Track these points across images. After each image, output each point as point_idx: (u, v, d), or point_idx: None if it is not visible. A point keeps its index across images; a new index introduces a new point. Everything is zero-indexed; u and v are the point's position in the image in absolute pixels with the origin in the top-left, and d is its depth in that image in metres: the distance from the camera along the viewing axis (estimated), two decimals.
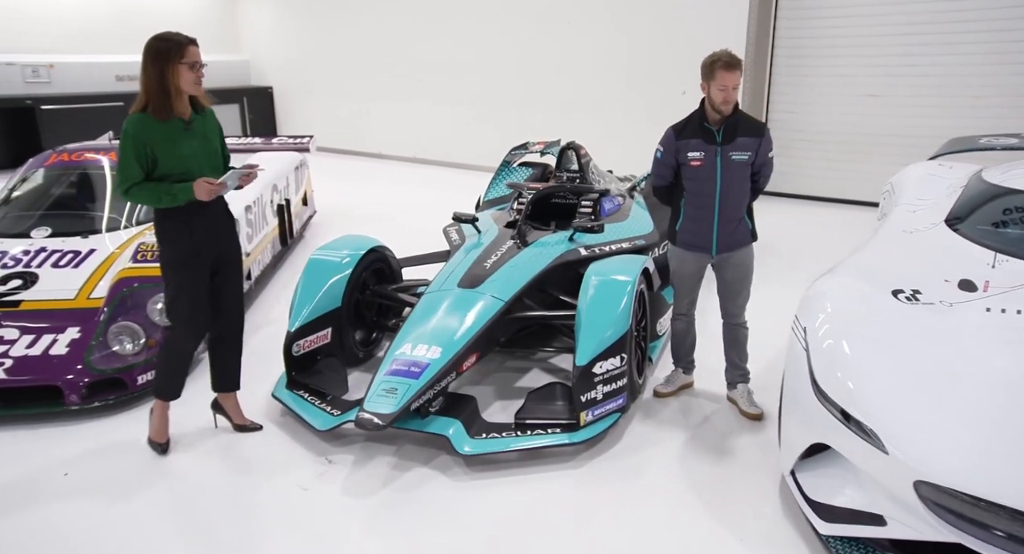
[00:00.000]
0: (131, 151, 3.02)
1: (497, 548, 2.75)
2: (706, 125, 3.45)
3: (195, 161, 3.13)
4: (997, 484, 2.18)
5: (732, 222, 3.54)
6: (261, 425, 3.61)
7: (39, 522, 2.92)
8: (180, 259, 3.19)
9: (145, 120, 3.04)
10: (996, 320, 2.84)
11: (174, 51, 3.03)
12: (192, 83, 3.09)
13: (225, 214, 3.34)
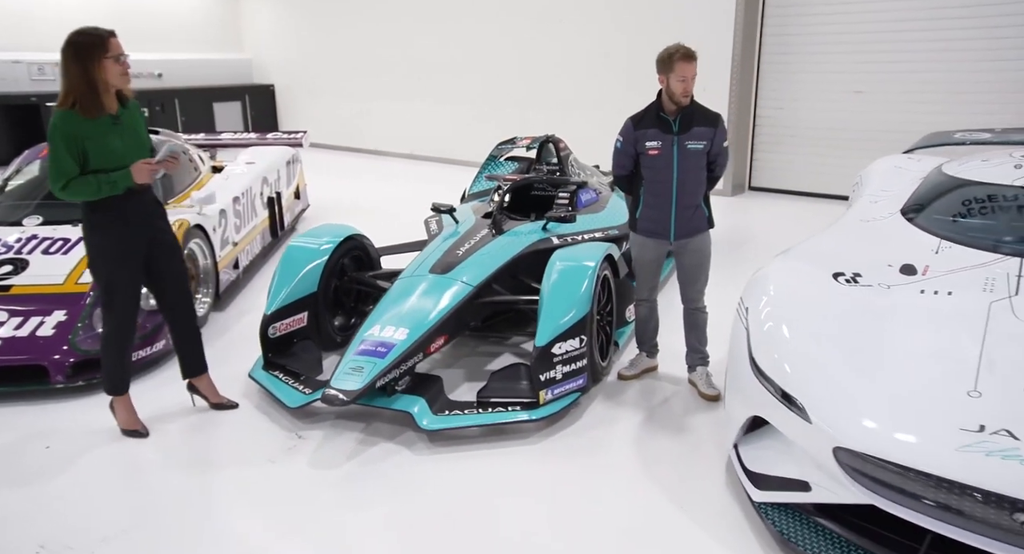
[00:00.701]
0: (63, 147, 3.03)
1: (456, 517, 2.88)
2: (663, 115, 3.58)
3: (127, 155, 3.15)
4: (908, 450, 2.31)
5: (689, 209, 3.67)
6: (237, 403, 3.76)
7: (19, 489, 3.09)
8: (115, 250, 3.22)
9: (73, 117, 3.04)
10: (927, 301, 2.97)
11: (97, 46, 3.03)
12: (119, 76, 3.10)
13: (154, 201, 3.40)
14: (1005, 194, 3.77)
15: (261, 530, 2.83)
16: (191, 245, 4.65)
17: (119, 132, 3.17)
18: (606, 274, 3.95)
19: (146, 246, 3.33)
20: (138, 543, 2.75)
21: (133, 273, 3.31)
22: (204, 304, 4.84)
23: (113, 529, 2.81)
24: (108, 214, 3.19)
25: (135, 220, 3.26)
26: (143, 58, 13.19)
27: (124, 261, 3.27)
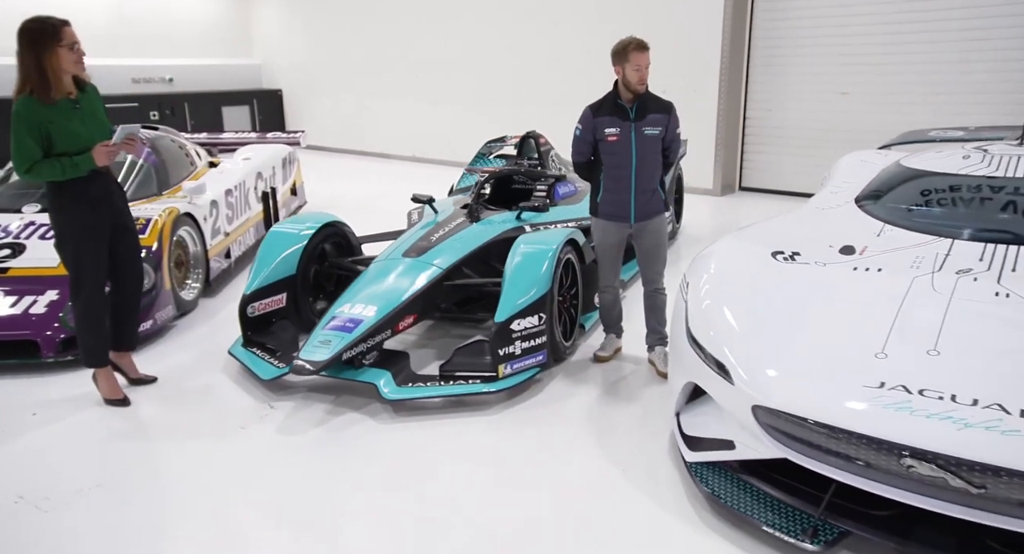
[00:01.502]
0: (25, 131, 3.21)
1: (411, 481, 3.06)
2: (620, 103, 3.77)
3: (88, 137, 3.33)
4: (814, 405, 2.47)
5: (646, 193, 3.85)
6: (155, 377, 3.93)
7: (2, 449, 3.31)
8: (82, 228, 3.41)
9: (33, 103, 3.22)
10: (856, 276, 3.13)
11: (49, 34, 3.19)
12: (73, 63, 3.28)
13: (115, 182, 3.61)
14: (949, 183, 3.92)
15: (226, 485, 3.03)
16: (180, 232, 4.88)
17: (80, 116, 3.36)
18: (570, 258, 4.13)
19: (109, 226, 3.53)
20: (111, 495, 2.96)
21: (99, 250, 3.49)
22: (194, 289, 5.07)
23: (88, 483, 3.02)
24: (73, 195, 3.38)
25: (99, 200, 3.45)
26: (155, 63, 13.57)
27: (90, 239, 3.45)
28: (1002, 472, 2.15)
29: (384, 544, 2.65)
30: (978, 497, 2.20)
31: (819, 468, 2.48)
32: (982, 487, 2.18)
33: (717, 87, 8.85)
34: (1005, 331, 2.66)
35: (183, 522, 2.80)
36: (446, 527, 2.73)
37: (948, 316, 2.75)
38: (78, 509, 2.86)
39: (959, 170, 3.97)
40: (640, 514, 2.81)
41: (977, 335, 2.65)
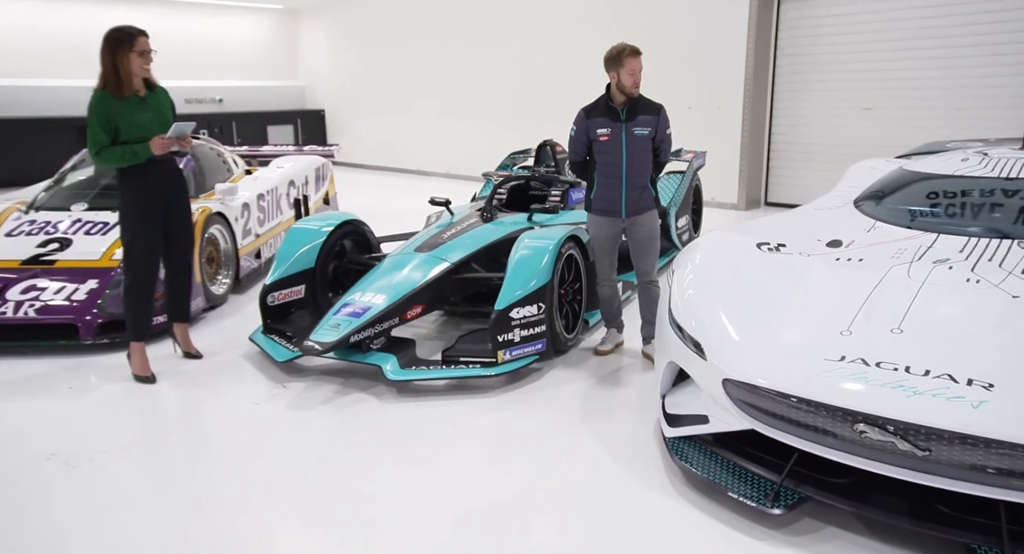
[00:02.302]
0: (96, 122, 3.68)
1: (407, 452, 3.26)
2: (611, 105, 3.97)
3: (150, 129, 3.77)
4: (778, 377, 2.60)
5: (637, 189, 4.04)
6: (202, 354, 4.30)
7: (40, 414, 3.62)
8: (138, 207, 3.84)
9: (105, 97, 3.69)
10: (838, 265, 3.26)
11: (125, 42, 3.68)
12: (141, 67, 3.74)
13: (176, 172, 4.00)
14: (944, 183, 4.01)
15: (236, 451, 3.27)
16: (212, 230, 5.20)
17: (145, 111, 3.80)
18: (572, 254, 4.31)
19: (164, 208, 3.91)
20: (132, 456, 3.23)
21: (152, 230, 3.90)
22: (224, 284, 5.38)
23: (112, 445, 3.29)
24: (135, 178, 3.82)
25: (155, 185, 3.87)
26: (207, 85, 14.26)
27: (145, 219, 3.87)
28: (944, 435, 2.26)
29: (379, 506, 2.84)
30: (924, 460, 2.31)
31: (782, 437, 2.61)
32: (927, 450, 2.29)
33: (741, 104, 8.98)
34: (968, 313, 2.76)
35: (193, 480, 3.04)
36: (441, 496, 2.91)
37: (917, 300, 2.86)
38: (101, 466, 3.12)
39: (956, 172, 4.05)
40: (621, 486, 2.96)
41: (941, 316, 2.76)
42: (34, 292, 4.51)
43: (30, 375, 4.10)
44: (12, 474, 3.08)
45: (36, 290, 4.52)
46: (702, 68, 9.26)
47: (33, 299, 4.46)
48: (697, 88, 9.32)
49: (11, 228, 5.09)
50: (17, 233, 5.03)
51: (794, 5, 8.88)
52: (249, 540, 2.62)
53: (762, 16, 8.79)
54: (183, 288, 4.24)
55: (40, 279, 4.62)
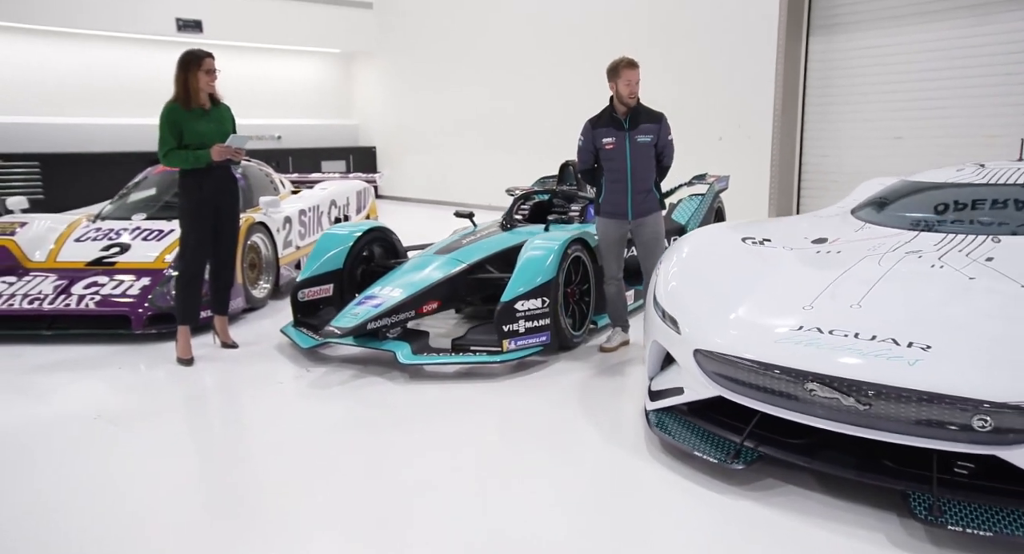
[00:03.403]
0: (166, 128, 4.22)
1: (416, 420, 3.57)
2: (615, 115, 4.29)
3: (210, 137, 4.28)
4: (741, 345, 2.82)
5: (641, 193, 4.32)
6: (237, 344, 4.69)
7: (92, 387, 4.04)
8: (194, 206, 4.31)
9: (175, 108, 4.25)
10: (816, 257, 3.46)
11: (194, 62, 4.24)
12: (207, 84, 4.28)
13: (230, 178, 4.46)
14: (936, 189, 4.19)
15: (261, 420, 3.63)
16: (254, 237, 5.66)
17: (207, 121, 4.33)
18: (579, 256, 4.59)
19: (216, 209, 4.38)
20: (169, 420, 3.62)
21: (205, 224, 4.36)
22: (264, 289, 5.82)
23: (152, 411, 3.69)
24: (193, 180, 4.32)
25: (210, 188, 4.35)
26: (268, 123, 15.15)
27: (198, 217, 4.35)
28: (883, 390, 2.45)
29: (387, 465, 3.13)
30: (865, 415, 2.49)
31: (745, 401, 2.82)
32: (868, 404, 2.48)
33: (770, 134, 9.19)
34: (924, 291, 2.94)
35: (221, 440, 3.41)
36: (445, 459, 3.18)
37: (880, 283, 3.05)
38: (142, 427, 3.50)
39: (947, 179, 4.23)
40: (605, 454, 3.19)
41: (899, 294, 2.94)
42: (95, 287, 5.01)
43: (86, 357, 4.55)
44: (63, 427, 3.49)
45: (97, 286, 5.02)
46: (732, 99, 9.54)
47: (93, 293, 4.95)
48: (727, 119, 9.59)
49: (80, 234, 5.64)
50: (84, 239, 5.58)
51: (823, 38, 9.13)
52: (271, 488, 2.94)
53: (790, 48, 9.06)
54: (225, 283, 4.66)
55: (101, 277, 5.12)
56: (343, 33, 15.55)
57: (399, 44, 15.20)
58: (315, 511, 2.69)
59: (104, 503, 2.79)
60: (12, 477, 3.02)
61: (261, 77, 15.13)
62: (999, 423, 2.31)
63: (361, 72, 16.36)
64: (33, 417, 3.66)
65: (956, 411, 2.35)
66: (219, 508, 2.82)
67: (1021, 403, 2.27)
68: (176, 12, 13.01)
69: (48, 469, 3.09)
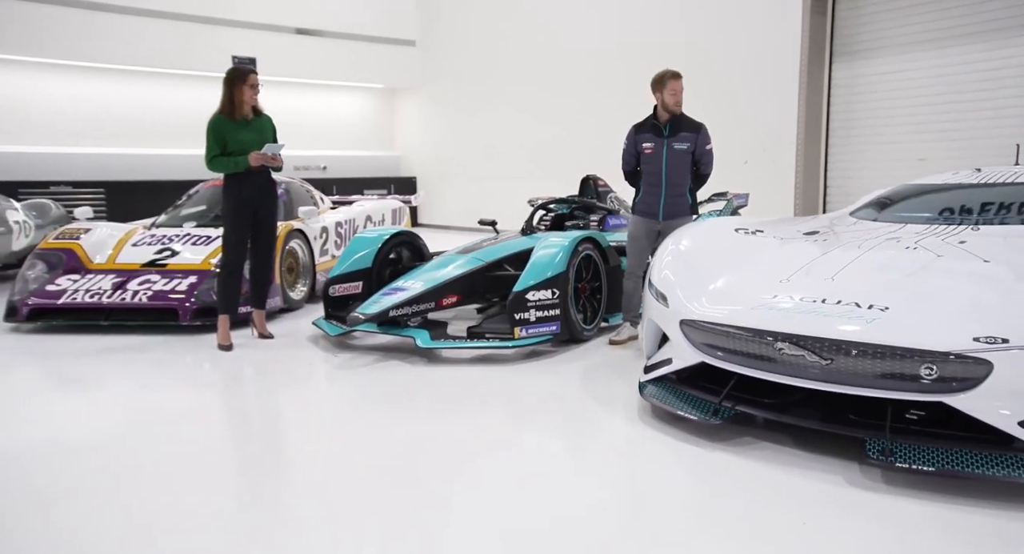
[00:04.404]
0: (212, 137, 4.68)
1: (433, 397, 3.86)
2: (656, 123, 4.66)
3: (251, 145, 4.71)
4: (721, 313, 3.08)
5: (674, 196, 4.65)
6: (273, 335, 5.06)
7: (143, 363, 4.44)
8: (235, 206, 4.74)
9: (221, 118, 4.70)
10: (802, 242, 3.70)
11: (240, 77, 4.72)
12: (251, 97, 4.74)
13: (269, 182, 4.90)
14: (930, 190, 4.41)
15: (290, 393, 3.99)
16: (292, 243, 6.10)
17: (249, 130, 4.78)
18: (590, 254, 4.88)
19: (255, 209, 4.81)
20: (207, 390, 4.00)
21: (244, 223, 4.79)
22: (301, 292, 6.23)
23: (192, 383, 4.09)
24: (234, 182, 4.77)
25: (249, 190, 4.79)
26: (314, 154, 15.89)
27: (238, 216, 4.78)
28: (842, 345, 2.68)
29: (405, 437, 3.45)
30: (828, 370, 2.72)
31: (725, 365, 3.07)
32: (830, 360, 2.71)
33: (794, 157, 9.42)
34: (893, 266, 3.16)
35: (252, 409, 3.78)
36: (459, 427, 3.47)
37: (856, 261, 3.29)
38: (183, 392, 3.91)
39: (945, 181, 4.44)
40: (601, 421, 3.47)
41: (870, 270, 3.17)
42: (148, 284, 5.47)
43: (138, 343, 4.98)
44: (114, 392, 3.94)
45: (149, 283, 5.48)
46: (757, 124, 9.80)
47: (146, 289, 5.41)
48: (753, 143, 9.84)
49: (136, 240, 6.15)
50: (140, 244, 6.08)
51: (845, 64, 9.38)
52: (297, 449, 3.31)
53: (813, 75, 9.32)
54: (263, 280, 5.07)
55: (153, 275, 5.60)
56: (387, 69, 16.29)
57: (440, 78, 15.86)
58: (338, 471, 2.99)
59: (141, 452, 3.16)
60: (72, 433, 3.42)
61: (309, 110, 15.89)
62: (943, 372, 2.52)
63: (403, 105, 17.06)
64: (87, 386, 4.09)
65: (906, 362, 2.57)
66: (246, 463, 3.16)
67: (963, 352, 2.49)
68: (232, 50, 13.87)
69: (96, 425, 3.48)
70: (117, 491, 2.71)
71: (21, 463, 2.98)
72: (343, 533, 2.36)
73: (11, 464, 2.97)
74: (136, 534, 2.37)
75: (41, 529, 2.40)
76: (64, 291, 5.45)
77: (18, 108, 12.12)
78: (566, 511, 2.51)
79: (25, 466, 2.95)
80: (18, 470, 2.91)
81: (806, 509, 2.47)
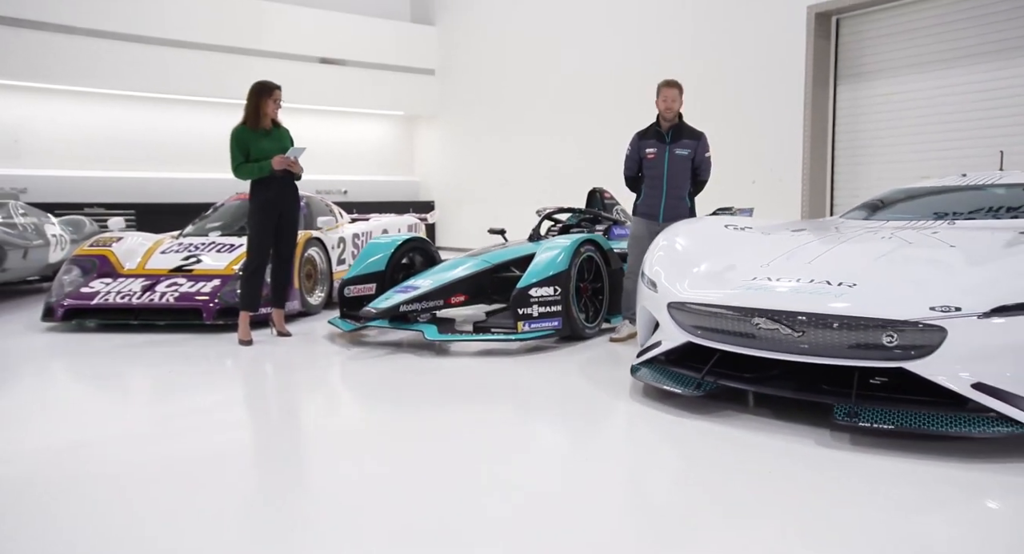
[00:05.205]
0: (236, 146, 5.02)
1: (441, 385, 4.10)
2: (658, 129, 4.94)
3: (272, 153, 5.04)
4: (705, 295, 3.30)
5: (674, 199, 4.91)
6: (291, 333, 5.35)
7: (172, 356, 4.72)
8: (259, 208, 5.05)
9: (243, 129, 5.05)
10: (787, 235, 3.92)
11: (265, 91, 5.06)
12: (273, 110, 5.09)
13: (291, 187, 5.21)
14: (916, 193, 4.62)
15: (305, 382, 4.25)
16: (310, 251, 6.40)
17: (269, 140, 5.12)
18: (592, 255, 5.13)
19: (278, 213, 5.12)
20: (228, 378, 4.26)
21: (268, 225, 5.10)
22: (319, 297, 6.52)
23: (213, 372, 4.37)
24: (259, 187, 5.09)
25: (272, 194, 5.10)
26: (335, 179, 16.36)
27: (263, 217, 5.09)
28: (812, 318, 2.89)
29: (414, 418, 3.69)
30: (800, 342, 2.93)
31: (709, 343, 3.28)
32: (801, 332, 2.92)
33: (800, 177, 9.64)
34: (866, 251, 3.38)
35: (269, 396, 4.03)
36: (463, 410, 3.73)
37: (834, 249, 3.50)
38: (206, 380, 4.17)
39: (932, 184, 4.66)
40: (595, 401, 3.68)
41: (846, 255, 3.39)
42: (175, 287, 5.79)
43: (166, 340, 5.28)
44: (146, 376, 4.23)
45: (176, 285, 5.81)
46: (764, 145, 10.06)
47: (173, 290, 5.73)
48: (761, 163, 10.09)
49: (165, 248, 6.49)
50: (168, 251, 6.42)
51: (849, 86, 9.63)
52: (311, 432, 3.56)
53: (818, 96, 9.58)
54: (284, 279, 5.36)
55: (180, 279, 5.92)
56: (407, 97, 16.79)
57: (458, 106, 16.33)
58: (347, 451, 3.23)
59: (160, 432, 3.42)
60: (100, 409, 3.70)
61: (331, 137, 16.38)
62: (903, 340, 2.72)
63: (423, 132, 17.53)
64: (116, 375, 4.37)
65: (870, 332, 2.78)
66: (261, 443, 3.41)
67: (920, 320, 2.69)
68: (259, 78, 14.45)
69: (122, 405, 3.75)
70: (133, 482, 2.73)
71: (47, 454, 3.18)
72: (362, 520, 2.30)
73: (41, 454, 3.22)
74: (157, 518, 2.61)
75: (59, 521, 2.31)
76: (97, 293, 5.79)
77: (57, 135, 12.71)
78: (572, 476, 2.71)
79: (50, 457, 3.08)
80: (44, 461, 3.01)
81: (775, 461, 2.67)
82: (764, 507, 2.31)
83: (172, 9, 13.29)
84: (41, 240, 7.57)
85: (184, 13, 13.44)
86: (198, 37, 13.53)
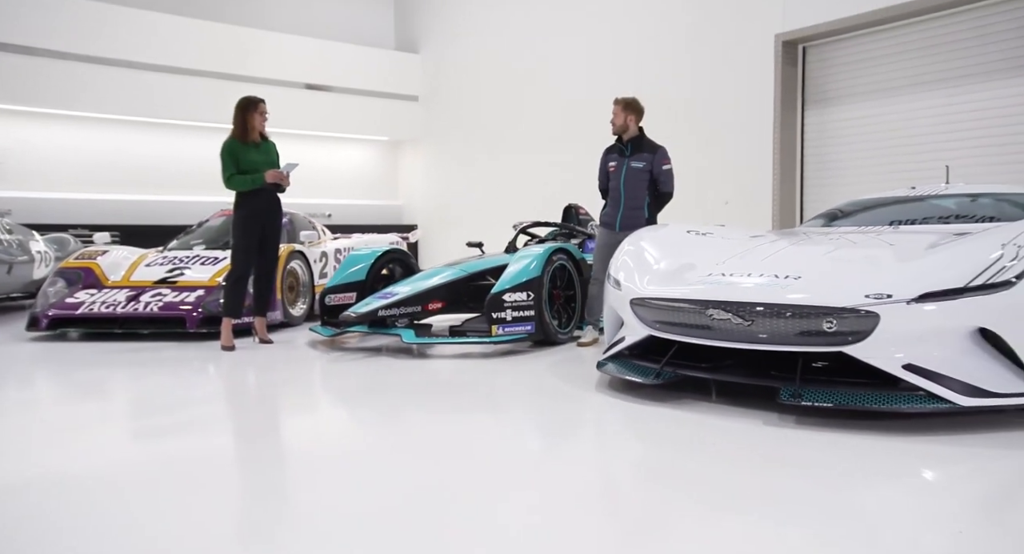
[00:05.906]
0: (228, 158, 5.20)
1: (419, 385, 4.26)
2: (619, 145, 5.18)
3: (261, 165, 5.25)
4: (665, 290, 3.52)
5: (631, 209, 5.14)
6: (272, 340, 5.49)
7: (158, 364, 4.86)
8: (244, 219, 5.23)
9: (234, 142, 5.23)
10: (744, 239, 4.15)
11: (252, 105, 5.28)
12: (261, 123, 5.31)
13: (275, 200, 5.39)
14: (875, 204, 4.90)
15: (286, 385, 4.41)
16: (293, 263, 6.58)
17: (258, 153, 5.32)
18: (564, 264, 5.34)
19: (262, 224, 5.29)
20: (209, 381, 4.40)
21: (252, 235, 5.27)
22: (301, 309, 6.67)
23: (196, 375, 4.49)
24: (245, 200, 5.26)
25: (259, 206, 5.29)
26: (320, 202, 16.55)
27: (248, 227, 5.26)
28: (759, 307, 3.11)
29: (391, 416, 3.85)
30: (749, 330, 3.14)
31: (668, 336, 3.48)
32: (751, 321, 3.13)
33: (770, 197, 9.96)
34: (815, 251, 3.61)
35: (250, 397, 4.18)
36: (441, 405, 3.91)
37: (786, 249, 3.73)
38: (193, 384, 4.31)
39: (886, 196, 4.93)
40: (563, 394, 3.86)
41: (796, 254, 3.62)
42: (159, 297, 5.94)
43: (151, 347, 5.42)
44: (136, 382, 4.35)
45: (161, 296, 5.95)
46: (736, 167, 10.38)
47: (158, 300, 5.87)
48: (733, 184, 10.41)
49: (150, 261, 6.64)
50: (154, 264, 6.57)
51: (816, 111, 10.01)
52: (300, 428, 3.71)
53: (786, 119, 9.95)
54: (266, 288, 5.52)
55: (164, 289, 6.07)
56: (391, 122, 17.09)
57: (442, 131, 16.64)
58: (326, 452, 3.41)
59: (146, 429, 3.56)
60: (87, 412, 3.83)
61: (316, 161, 16.59)
62: (841, 326, 2.94)
63: (406, 156, 17.81)
64: (102, 379, 4.50)
65: (811, 319, 3.00)
66: (242, 443, 3.56)
67: (856, 306, 2.91)
68: None
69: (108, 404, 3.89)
70: (131, 484, 2.96)
71: (37, 458, 3.36)
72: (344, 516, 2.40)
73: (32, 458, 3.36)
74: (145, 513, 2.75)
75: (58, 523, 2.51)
76: (82, 303, 5.92)
77: (42, 157, 12.83)
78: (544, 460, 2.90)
79: (40, 461, 3.31)
80: (34, 465, 3.26)
81: (724, 438, 2.87)
82: (712, 477, 2.50)
83: (158, 35, 13.53)
84: (26, 256, 7.68)
85: (169, 39, 13.68)
86: (184, 62, 13.75)
